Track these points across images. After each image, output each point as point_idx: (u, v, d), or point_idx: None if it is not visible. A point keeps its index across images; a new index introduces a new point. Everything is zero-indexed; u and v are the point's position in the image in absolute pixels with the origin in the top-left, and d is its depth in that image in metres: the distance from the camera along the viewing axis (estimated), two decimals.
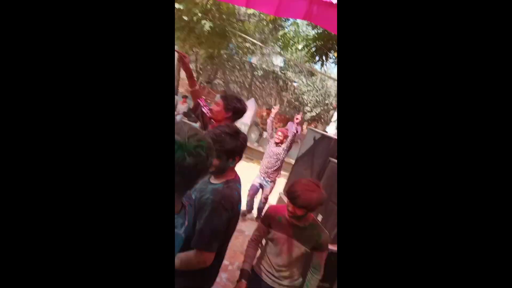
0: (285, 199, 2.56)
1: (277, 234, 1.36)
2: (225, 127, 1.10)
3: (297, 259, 1.35)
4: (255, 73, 11.92)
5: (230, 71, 12.07)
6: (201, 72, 11.42)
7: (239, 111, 1.69)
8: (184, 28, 7.18)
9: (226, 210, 1.05)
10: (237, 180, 1.17)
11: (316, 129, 2.98)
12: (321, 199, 1.24)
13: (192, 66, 11.46)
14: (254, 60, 12.13)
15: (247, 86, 12.45)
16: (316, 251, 1.35)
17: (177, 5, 6.53)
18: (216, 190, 1.07)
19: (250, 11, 7.81)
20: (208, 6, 6.65)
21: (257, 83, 12.43)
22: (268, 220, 1.41)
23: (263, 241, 1.49)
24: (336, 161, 2.20)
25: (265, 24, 9.39)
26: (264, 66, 11.82)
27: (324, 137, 2.62)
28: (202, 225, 1.02)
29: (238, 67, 11.90)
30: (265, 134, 7.83)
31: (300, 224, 1.32)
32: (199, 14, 6.75)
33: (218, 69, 11.86)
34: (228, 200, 1.06)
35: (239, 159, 1.14)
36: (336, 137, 2.57)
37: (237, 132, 1.11)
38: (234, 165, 1.15)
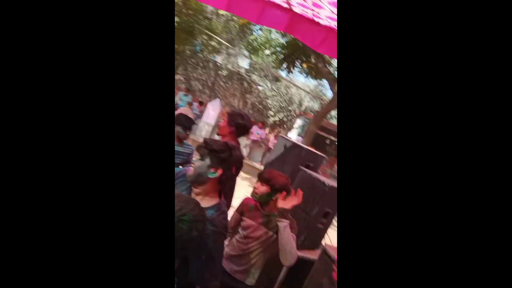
0: None
1: (247, 221, 1.43)
2: (215, 143, 1.12)
3: (262, 244, 1.40)
4: (220, 72, 11.70)
5: (192, 68, 11.68)
6: None
7: (243, 127, 1.80)
8: None
9: (224, 238, 1.12)
10: (222, 204, 1.15)
11: (288, 137, 3.03)
12: (285, 181, 1.39)
13: None
14: (219, 59, 11.91)
15: (210, 85, 12.15)
16: None
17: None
18: (212, 219, 1.03)
19: (220, 10, 7.62)
20: (176, 0, 6.29)
21: (221, 82, 12.22)
22: (241, 208, 1.49)
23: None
24: (306, 170, 2.26)
25: (233, 25, 9.25)
26: (229, 66, 11.68)
27: (296, 146, 2.67)
28: (208, 258, 1.02)
29: (201, 65, 11.56)
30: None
31: (267, 212, 1.40)
32: None
33: (180, 65, 11.36)
34: (224, 228, 1.11)
35: (222, 173, 1.09)
36: (306, 147, 2.69)
37: (227, 148, 1.11)
38: (215, 177, 1.10)
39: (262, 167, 5.89)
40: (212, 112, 7.41)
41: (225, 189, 1.21)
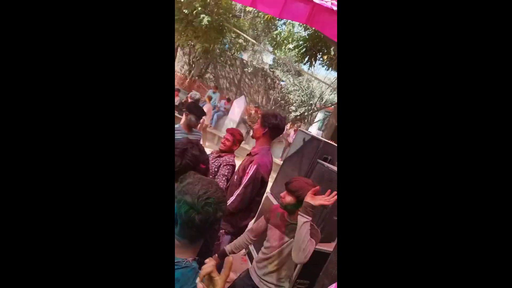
0: (272, 198, 2.67)
1: (272, 229, 1.44)
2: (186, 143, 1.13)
3: (287, 258, 1.37)
4: (245, 69, 12.30)
5: (221, 66, 12.35)
6: (193, 65, 11.65)
7: (276, 127, 1.74)
8: (182, 21, 7.46)
9: None
10: None
11: (306, 131, 3.01)
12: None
13: (185, 58, 11.62)
14: (245, 56, 12.52)
15: (237, 82, 12.80)
16: None
17: None
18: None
19: (247, 7, 8.14)
20: (208, 0, 6.99)
21: (246, 80, 12.82)
22: (268, 215, 1.49)
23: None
24: (323, 163, 2.21)
25: (259, 21, 9.78)
26: (254, 63, 12.23)
27: (314, 139, 2.63)
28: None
29: (229, 63, 12.20)
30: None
31: (292, 220, 1.37)
32: (199, 8, 7.07)
33: (210, 63, 12.13)
34: None
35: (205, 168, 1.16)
36: (324, 139, 2.67)
37: (184, 150, 1.10)
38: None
39: (246, 146, 5.70)
40: (237, 109, 7.70)
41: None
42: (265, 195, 2.28)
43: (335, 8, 2.00)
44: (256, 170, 1.65)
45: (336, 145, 2.56)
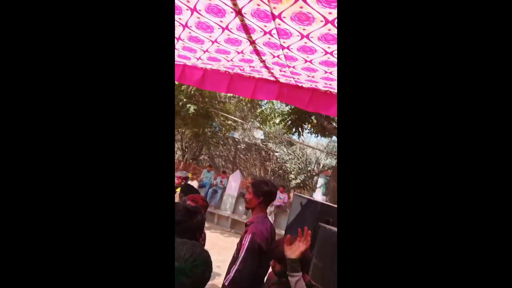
0: None
1: None
2: (177, 213, 1.17)
3: None
4: (238, 146, 12.59)
5: (214, 147, 12.68)
6: (186, 150, 11.90)
7: (270, 193, 1.76)
8: None
9: None
10: None
11: (302, 195, 3.01)
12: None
13: (177, 145, 12.05)
14: (236, 135, 12.97)
15: (232, 159, 12.91)
16: None
17: None
18: None
19: (230, 94, 8.79)
20: (192, 92, 7.49)
21: (241, 155, 12.99)
22: (268, 284, 1.42)
23: None
24: (325, 226, 2.18)
25: (244, 104, 10.43)
26: (246, 139, 12.61)
27: (311, 202, 2.64)
28: None
29: (222, 143, 12.56)
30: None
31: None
32: (184, 99, 7.52)
33: (203, 146, 12.45)
34: None
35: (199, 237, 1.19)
36: (321, 202, 2.66)
37: (189, 217, 1.17)
38: None
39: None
40: (234, 184, 7.72)
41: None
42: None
43: (300, 84, 2.14)
44: (251, 239, 1.55)
45: (336, 206, 2.57)
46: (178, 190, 3.43)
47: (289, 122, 7.24)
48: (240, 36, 1.52)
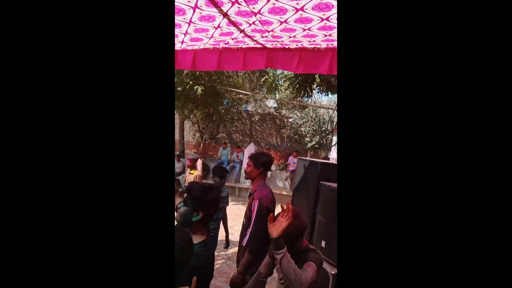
0: None
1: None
2: (194, 188, 1.25)
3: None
4: (253, 118, 12.67)
5: (230, 123, 12.86)
6: (204, 131, 12.21)
7: (268, 163, 1.94)
8: (180, 97, 8.03)
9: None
10: (209, 241, 1.29)
11: (304, 157, 3.02)
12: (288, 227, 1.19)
13: (195, 127, 12.35)
14: (249, 107, 13.00)
15: (248, 132, 13.10)
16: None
17: None
18: (198, 253, 1.14)
19: None
20: (198, 73, 7.54)
21: (257, 127, 13.10)
22: (271, 251, 1.44)
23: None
24: (325, 183, 2.25)
25: (252, 74, 10.31)
26: (259, 110, 12.61)
27: (311, 163, 2.69)
28: None
29: (236, 118, 12.69)
30: (269, 174, 8.01)
31: (296, 250, 1.34)
32: (190, 82, 7.61)
33: (220, 124, 12.68)
34: (208, 262, 1.22)
35: (203, 215, 1.23)
36: (321, 161, 2.68)
37: (204, 192, 1.24)
38: (198, 219, 1.23)
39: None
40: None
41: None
42: None
43: (286, 46, 2.07)
44: (259, 204, 1.76)
45: (334, 162, 2.66)
46: (193, 172, 3.65)
47: (297, 86, 7.14)
48: (212, 12, 1.58)
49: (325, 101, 11.12)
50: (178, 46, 2.28)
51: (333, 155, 8.09)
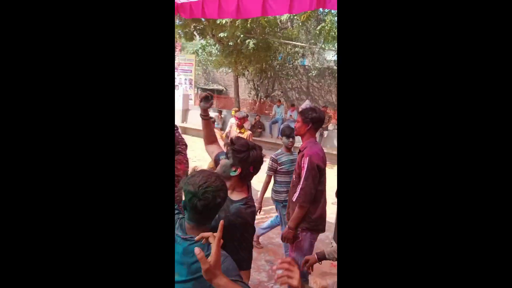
0: None
1: None
2: (238, 142, 1.19)
3: None
4: (310, 74, 11.83)
5: (285, 80, 12.32)
6: (258, 88, 12.03)
7: (318, 120, 1.85)
8: (232, 52, 7.87)
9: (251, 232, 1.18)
10: (251, 199, 1.23)
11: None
12: None
13: (250, 84, 12.23)
14: (307, 62, 12.10)
15: (305, 89, 12.41)
16: None
17: (221, 34, 7.23)
18: (239, 211, 1.13)
19: (291, 16, 7.91)
20: (249, 25, 7.15)
21: (314, 83, 12.27)
22: None
23: None
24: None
25: (306, 24, 9.35)
26: (317, 65, 11.64)
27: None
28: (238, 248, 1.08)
29: (292, 74, 12.04)
30: (325, 134, 7.58)
31: None
32: (241, 36, 7.30)
33: (275, 81, 12.26)
34: (251, 220, 1.17)
35: (241, 171, 1.17)
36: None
37: (246, 149, 1.17)
38: (236, 175, 1.18)
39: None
40: None
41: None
42: None
43: None
44: (309, 161, 1.75)
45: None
46: (243, 131, 3.59)
47: None
48: None
49: None
50: None
51: None
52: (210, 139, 1.46)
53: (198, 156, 6.28)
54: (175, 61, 8.47)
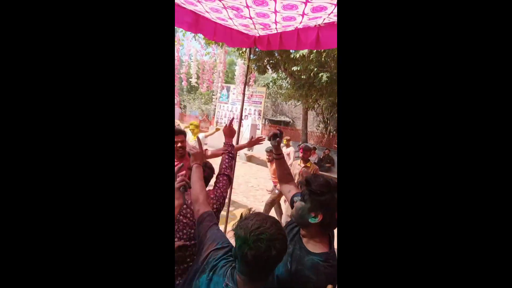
0: None
1: None
2: (315, 182, 0.97)
3: None
4: None
5: None
6: (328, 121, 11.55)
7: None
8: (304, 85, 7.78)
9: None
10: (333, 256, 0.95)
11: None
12: None
13: (319, 117, 11.88)
14: None
15: None
16: None
17: (294, 68, 7.25)
18: (316, 267, 0.90)
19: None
20: (323, 59, 7.00)
21: None
22: None
23: None
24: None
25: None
26: None
27: None
28: None
29: None
30: None
31: None
32: (315, 69, 7.17)
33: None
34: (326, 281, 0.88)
35: (322, 218, 0.93)
36: None
37: (328, 190, 0.94)
38: (317, 222, 0.94)
39: None
40: None
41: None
42: None
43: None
44: None
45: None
46: (309, 164, 3.26)
47: None
48: None
49: None
50: (298, 22, 1.92)
51: None
52: (285, 178, 1.32)
53: (260, 185, 6.13)
54: (247, 92, 8.81)
